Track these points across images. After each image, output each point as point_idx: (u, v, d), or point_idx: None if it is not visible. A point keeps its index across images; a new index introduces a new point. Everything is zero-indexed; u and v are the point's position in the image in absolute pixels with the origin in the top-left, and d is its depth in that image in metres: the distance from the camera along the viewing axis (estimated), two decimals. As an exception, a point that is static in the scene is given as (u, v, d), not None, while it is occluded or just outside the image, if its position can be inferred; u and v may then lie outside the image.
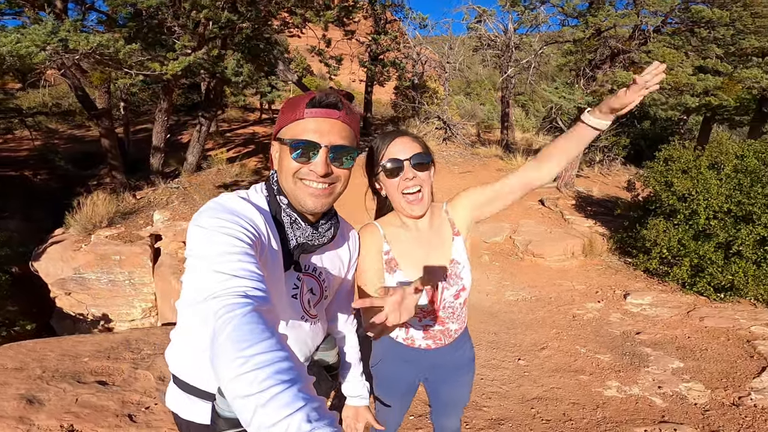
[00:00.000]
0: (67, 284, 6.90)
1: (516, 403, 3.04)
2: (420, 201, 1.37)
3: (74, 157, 11.63)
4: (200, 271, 0.85)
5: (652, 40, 8.15)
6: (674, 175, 5.69)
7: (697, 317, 4.46)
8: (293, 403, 0.59)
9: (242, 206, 1.01)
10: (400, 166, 1.35)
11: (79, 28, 6.22)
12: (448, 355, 1.58)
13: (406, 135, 1.41)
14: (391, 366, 1.61)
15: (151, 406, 2.77)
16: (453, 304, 1.51)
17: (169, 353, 1.21)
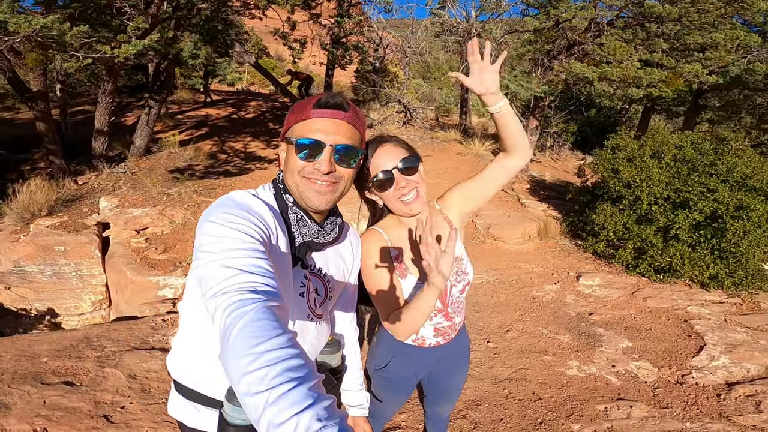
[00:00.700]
0: (7, 278, 6.39)
1: (490, 384, 3.22)
2: (417, 199, 1.38)
3: (5, 140, 10.62)
4: (210, 267, 0.85)
5: (605, 33, 8.54)
6: (620, 163, 6.08)
7: (640, 298, 4.81)
8: (303, 401, 0.59)
9: (253, 202, 1.02)
10: (390, 177, 1.35)
11: (16, 9, 5.65)
12: (454, 348, 1.63)
13: (388, 142, 1.39)
14: (401, 368, 1.59)
15: (126, 405, 2.71)
16: (459, 299, 1.55)
17: (171, 359, 1.19)
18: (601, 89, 8.61)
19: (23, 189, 7.12)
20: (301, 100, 1.13)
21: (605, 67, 8.29)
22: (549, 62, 9.05)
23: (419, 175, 1.40)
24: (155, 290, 6.22)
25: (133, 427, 2.50)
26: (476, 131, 12.13)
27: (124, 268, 6.49)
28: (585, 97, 14.17)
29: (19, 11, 5.59)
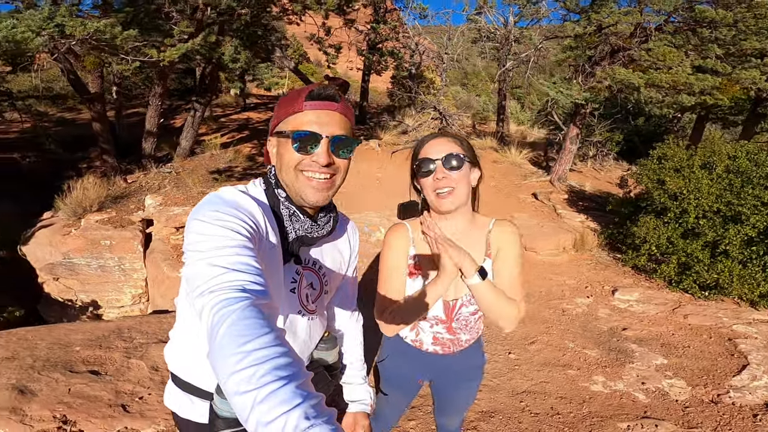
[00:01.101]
0: (56, 269, 6.81)
1: (506, 396, 3.10)
2: (449, 196, 1.35)
3: (64, 140, 11.45)
4: (197, 265, 0.84)
5: (653, 39, 8.14)
6: (667, 174, 5.75)
7: (681, 314, 4.54)
8: (291, 400, 0.59)
9: (241, 199, 1.01)
10: (432, 167, 1.36)
11: (75, 12, 6.10)
12: (456, 363, 1.58)
13: (444, 136, 1.41)
14: (397, 364, 1.62)
15: (144, 396, 2.76)
16: (468, 319, 1.51)
17: (168, 351, 1.21)
18: (648, 96, 8.18)
19: (77, 185, 7.60)
20: (288, 93, 1.11)
21: (653, 73, 7.87)
22: (591, 68, 8.72)
23: (462, 175, 1.36)
24: (189, 286, 6.47)
25: (147, 418, 2.55)
26: (513, 139, 11.86)
27: (162, 263, 6.78)
28: (633, 105, 13.53)
29: (77, 14, 6.01)
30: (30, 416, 2.38)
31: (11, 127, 11.85)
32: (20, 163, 10.69)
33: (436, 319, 1.50)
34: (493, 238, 1.43)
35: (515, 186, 9.24)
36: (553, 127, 12.15)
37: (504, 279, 1.41)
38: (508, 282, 1.40)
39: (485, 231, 1.44)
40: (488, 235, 1.44)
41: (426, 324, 1.52)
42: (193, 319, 1.11)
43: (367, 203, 7.56)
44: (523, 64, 11.29)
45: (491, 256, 1.43)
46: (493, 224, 1.45)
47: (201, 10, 7.13)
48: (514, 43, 10.68)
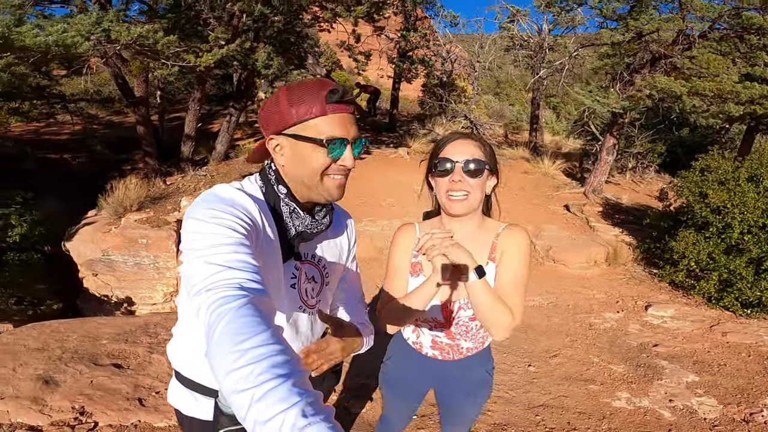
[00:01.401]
0: (95, 265, 7.13)
1: (521, 409, 2.98)
2: (462, 201, 1.32)
3: (111, 142, 12.10)
4: (194, 264, 0.84)
5: (697, 46, 7.79)
6: (710, 186, 5.44)
7: (719, 332, 4.30)
8: (288, 398, 0.58)
9: (237, 196, 1.01)
10: (450, 168, 1.32)
11: (122, 18, 6.43)
12: (456, 371, 1.53)
13: (469, 138, 1.36)
14: (398, 365, 1.61)
15: (161, 390, 2.80)
16: (468, 324, 1.46)
17: (171, 348, 1.22)
18: (692, 105, 7.79)
19: (120, 186, 7.98)
20: (295, 89, 1.05)
21: (696, 81, 7.50)
22: (629, 76, 8.41)
23: (479, 182, 1.33)
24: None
25: (161, 412, 2.58)
26: (547, 149, 11.57)
27: (193, 262, 6.98)
28: (677, 115, 12.92)
29: (124, 20, 6.34)
30: (50, 406, 2.46)
31: (63, 129, 12.66)
32: (70, 163, 11.37)
33: (434, 322, 1.46)
34: (500, 241, 1.39)
35: (546, 197, 8.99)
36: (590, 137, 11.77)
37: (504, 283, 1.35)
38: (507, 286, 1.34)
39: (493, 235, 1.41)
40: (496, 239, 1.40)
41: (426, 326, 1.49)
42: (193, 317, 1.12)
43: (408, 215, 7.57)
44: (557, 73, 11.03)
45: (495, 260, 1.38)
46: (503, 229, 1.41)
47: (237, 17, 7.40)
48: (548, 51, 10.46)
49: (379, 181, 8.96)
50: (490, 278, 1.37)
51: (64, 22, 5.80)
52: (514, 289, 1.34)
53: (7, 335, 3.24)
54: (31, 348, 3.03)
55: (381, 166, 9.73)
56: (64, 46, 5.40)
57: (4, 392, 2.51)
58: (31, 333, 3.26)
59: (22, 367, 2.78)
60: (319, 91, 1.02)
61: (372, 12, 7.90)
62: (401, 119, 14.42)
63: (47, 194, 9.61)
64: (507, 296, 1.31)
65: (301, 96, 1.03)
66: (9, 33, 4.88)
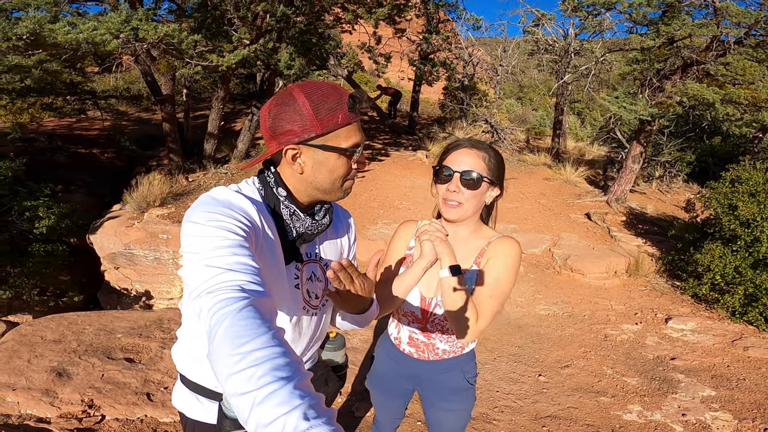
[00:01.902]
0: (117, 259, 7.32)
1: (528, 419, 2.90)
2: (456, 208, 1.36)
3: (139, 138, 12.43)
4: (194, 267, 0.84)
5: (732, 52, 7.50)
6: (740, 198, 5.23)
7: (741, 346, 4.14)
8: (290, 401, 0.58)
9: (234, 198, 1.00)
10: (449, 176, 1.36)
11: (150, 17, 6.58)
12: (430, 372, 1.54)
13: (474, 148, 1.38)
14: (381, 359, 1.65)
15: (169, 386, 2.83)
16: (443, 323, 1.47)
17: (176, 351, 1.21)
18: (725, 113, 7.49)
19: (144, 181, 8.20)
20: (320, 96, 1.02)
21: (730, 88, 7.22)
22: (659, 83, 8.15)
23: (475, 194, 1.36)
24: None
25: (168, 408, 2.61)
26: (569, 156, 11.33)
27: (210, 258, 7.08)
28: (708, 123, 12.46)
29: (153, 18, 6.48)
30: (60, 399, 2.50)
31: (93, 125, 13.08)
32: (99, 158, 11.74)
33: (412, 316, 1.49)
34: (489, 249, 1.42)
35: (567, 205, 8.79)
36: (615, 144, 11.48)
37: (481, 287, 1.37)
38: (484, 290, 1.35)
39: (485, 242, 1.44)
40: (486, 246, 1.43)
41: (405, 320, 1.52)
42: (195, 320, 1.12)
43: (424, 219, 7.52)
44: (583, 78, 10.79)
45: (480, 265, 1.41)
46: (496, 238, 1.43)
47: (261, 17, 7.49)
48: (573, 55, 10.25)
49: (396, 184, 8.94)
50: (472, 281, 1.40)
51: (96, 20, 5.98)
52: (489, 294, 1.34)
53: (26, 326, 3.32)
54: (48, 340, 3.09)
55: (399, 169, 9.70)
56: (93, 44, 5.56)
57: (17, 383, 2.56)
58: (49, 324, 3.32)
59: (37, 358, 2.84)
60: (339, 99, 1.02)
61: (393, 14, 7.91)
62: (421, 122, 14.36)
63: (76, 188, 9.95)
64: (480, 300, 1.33)
65: (325, 105, 1.01)
66: (41, 30, 5.06)
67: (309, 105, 1.00)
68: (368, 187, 8.73)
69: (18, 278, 6.15)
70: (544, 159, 10.95)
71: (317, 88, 1.03)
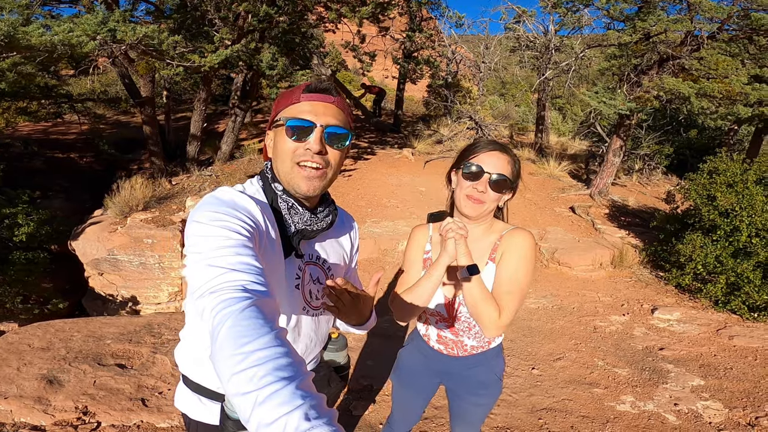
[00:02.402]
0: (101, 265, 7.17)
1: (524, 412, 2.95)
2: (477, 205, 1.39)
3: (118, 142, 12.17)
4: (197, 267, 0.85)
5: (706, 47, 7.71)
6: (718, 189, 5.39)
7: (726, 335, 4.26)
8: (292, 401, 0.58)
9: (238, 198, 1.01)
10: (478, 175, 1.38)
11: (128, 18, 6.45)
12: (459, 368, 1.58)
13: (506, 153, 1.42)
14: (410, 353, 1.68)
15: (164, 391, 2.80)
16: (470, 321, 1.50)
17: (178, 352, 1.21)
18: (700, 106, 7.71)
19: (126, 185, 8.02)
20: (288, 89, 1.17)
21: (704, 82, 7.43)
22: (637, 77, 8.34)
23: (498, 197, 1.41)
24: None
25: (164, 413, 2.58)
26: (552, 151, 11.50)
27: (197, 261, 6.98)
28: (684, 116, 12.81)
29: (131, 20, 6.34)
30: (54, 406, 2.46)
31: (70, 129, 12.75)
32: (78, 163, 11.46)
33: (439, 316, 1.53)
34: (501, 243, 1.44)
35: (551, 199, 8.94)
36: (596, 139, 11.70)
37: (499, 283, 1.40)
38: (502, 286, 1.39)
39: (497, 236, 1.46)
40: (498, 240, 1.45)
41: (432, 319, 1.56)
42: (198, 320, 1.12)
43: (413, 217, 7.54)
44: (563, 74, 10.96)
45: (495, 261, 1.43)
46: (507, 231, 1.46)
47: (242, 18, 7.40)
48: (554, 51, 10.39)
49: (383, 183, 8.95)
50: (490, 278, 1.43)
51: (71, 21, 5.83)
52: (508, 289, 1.38)
53: (12, 335, 3.24)
54: (35, 347, 3.04)
55: (385, 167, 9.71)
56: (69, 46, 5.42)
57: (8, 391, 2.51)
58: (36, 332, 3.26)
59: (26, 366, 2.78)
60: (299, 87, 1.09)
61: (377, 12, 7.90)
62: (406, 120, 14.40)
63: (54, 193, 9.69)
64: (499, 296, 1.37)
65: (290, 91, 1.11)
66: (14, 32, 4.91)
67: (277, 98, 1.14)
68: (355, 186, 8.72)
69: (0, 287, 5.98)
70: (527, 154, 11.09)
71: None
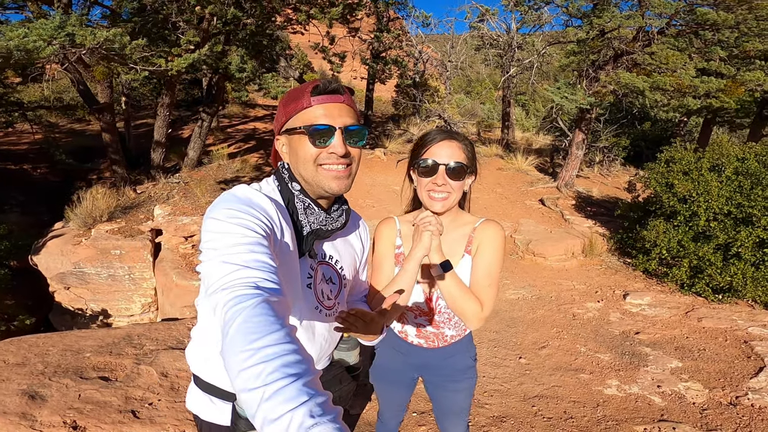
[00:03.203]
0: (67, 279, 6.86)
1: (517, 400, 3.06)
2: (442, 200, 1.38)
3: (75, 151, 11.59)
4: (212, 263, 0.86)
5: (656, 42, 8.15)
6: (675, 177, 5.71)
7: (695, 318, 4.49)
8: (297, 398, 0.59)
9: (255, 196, 1.02)
10: (434, 169, 1.36)
11: (84, 22, 6.17)
12: (441, 358, 1.59)
13: (455, 139, 1.40)
14: (385, 353, 1.65)
15: (154, 402, 2.74)
16: (449, 312, 1.51)
17: (189, 352, 1.20)
18: (653, 99, 8.16)
19: (87, 196, 7.67)
20: (291, 90, 1.13)
21: (657, 76, 7.86)
22: (595, 73, 8.72)
23: (460, 185, 1.39)
24: (197, 294, 6.49)
25: (157, 424, 2.53)
26: (519, 146, 11.85)
27: (171, 272, 6.80)
28: (638, 109, 13.49)
29: (87, 24, 6.06)
30: (40, 422, 2.37)
31: (22, 138, 12.03)
32: (32, 174, 10.83)
33: (419, 310, 1.52)
34: (476, 235, 1.45)
35: (521, 192, 9.22)
36: (558, 133, 12.14)
37: (477, 276, 1.41)
38: (480, 278, 1.40)
39: (470, 228, 1.46)
40: (472, 233, 1.46)
41: (411, 315, 1.54)
42: (211, 317, 1.12)
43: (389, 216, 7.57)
44: (526, 71, 11.32)
45: (471, 253, 1.45)
46: (480, 223, 1.47)
47: (207, 20, 7.23)
48: (517, 49, 10.72)
49: (357, 183, 8.86)
50: (467, 270, 1.44)
51: (24, 26, 5.52)
52: (487, 281, 1.40)
53: (-17, 352, 3.08)
54: (11, 363, 2.92)
55: (359, 168, 9.72)
56: (25, 51, 5.13)
57: (-10, 409, 2.39)
58: (9, 348, 3.13)
59: (4, 382, 2.67)
60: (305, 87, 1.09)
61: (346, 13, 7.89)
62: (376, 120, 14.46)
63: (9, 207, 9.14)
64: (479, 288, 1.39)
65: (296, 94, 1.10)
66: (-35, 39, 4.61)
67: (283, 100, 1.13)
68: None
69: (-41, 306, 5.62)
70: (495, 150, 11.38)
71: (296, 87, 1.13)
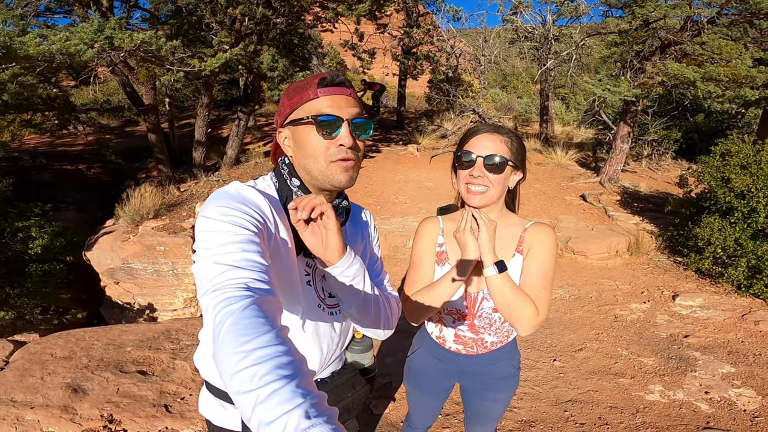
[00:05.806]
0: (116, 274, 7.22)
1: (549, 405, 2.92)
2: (480, 194, 1.32)
3: (125, 151, 12.23)
4: (204, 263, 0.84)
5: (706, 32, 7.62)
6: (732, 171, 5.31)
7: (752, 321, 4.17)
8: (292, 400, 0.58)
9: (247, 192, 1.00)
10: (471, 161, 1.32)
11: (123, 25, 6.44)
12: (480, 365, 1.52)
13: (497, 132, 1.35)
14: (422, 359, 1.60)
15: (186, 396, 2.80)
16: (491, 316, 1.44)
17: (198, 356, 1.19)
18: (707, 90, 7.62)
19: (135, 194, 8.07)
20: (295, 83, 1.10)
21: (709, 67, 7.33)
22: (639, 64, 8.25)
23: (500, 178, 1.33)
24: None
25: (187, 419, 2.57)
26: (558, 140, 11.42)
27: (210, 267, 7.00)
28: (690, 101, 12.66)
29: (127, 27, 6.34)
30: (80, 415, 2.46)
31: (76, 140, 12.83)
32: (86, 174, 11.53)
33: (458, 314, 1.46)
34: (527, 236, 1.39)
35: (561, 188, 8.87)
36: (601, 126, 11.61)
37: (531, 278, 1.34)
38: (534, 281, 1.33)
39: (520, 229, 1.41)
40: (523, 233, 1.40)
41: (449, 319, 1.48)
42: None
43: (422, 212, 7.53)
44: (564, 63, 10.86)
45: (523, 253, 1.38)
46: (531, 224, 1.41)
47: (239, 21, 7.39)
48: (553, 41, 10.29)
49: (390, 180, 8.93)
50: (517, 271, 1.38)
51: (67, 31, 5.84)
52: (541, 284, 1.33)
53: (34, 345, 3.26)
54: (58, 357, 3.05)
55: (392, 164, 9.69)
56: (67, 54, 5.43)
57: (34, 401, 2.52)
58: (57, 342, 3.28)
59: (50, 375, 2.79)
60: (311, 80, 1.07)
61: (374, 10, 7.83)
62: (409, 116, 14.35)
63: (66, 205, 9.76)
64: (534, 291, 1.32)
65: (301, 86, 1.08)
66: (11, 43, 4.92)
67: (287, 92, 1.10)
68: (362, 183, 8.70)
69: (18, 299, 6.07)
70: (534, 144, 11.02)
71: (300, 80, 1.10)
